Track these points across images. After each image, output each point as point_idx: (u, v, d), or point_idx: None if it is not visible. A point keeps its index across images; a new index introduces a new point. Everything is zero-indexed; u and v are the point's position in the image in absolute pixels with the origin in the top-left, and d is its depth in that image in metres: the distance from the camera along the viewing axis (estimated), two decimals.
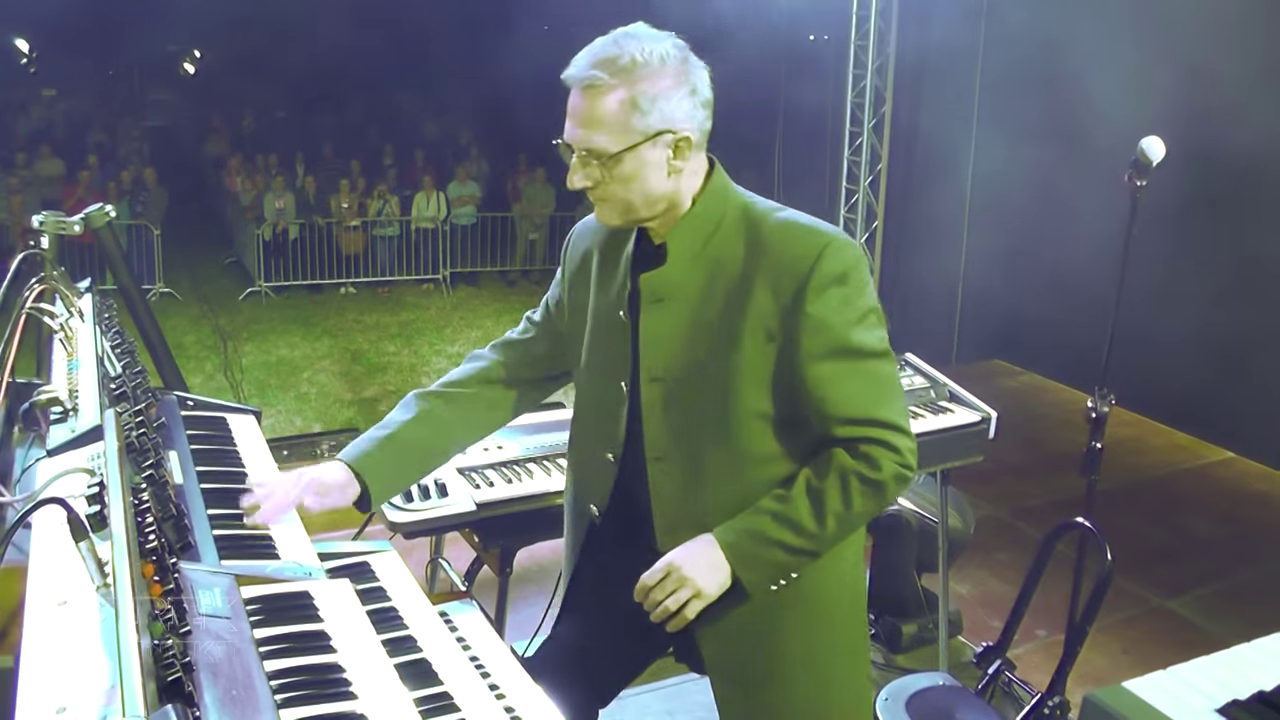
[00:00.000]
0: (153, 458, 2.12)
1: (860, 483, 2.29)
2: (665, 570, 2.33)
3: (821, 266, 2.25)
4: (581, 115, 2.26)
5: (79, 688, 1.46)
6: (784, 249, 2.29)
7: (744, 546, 2.32)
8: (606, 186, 2.31)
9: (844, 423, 2.31)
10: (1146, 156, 3.67)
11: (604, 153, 2.25)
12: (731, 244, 2.35)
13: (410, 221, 15.16)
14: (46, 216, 3.34)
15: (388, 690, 1.87)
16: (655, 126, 2.23)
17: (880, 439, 2.30)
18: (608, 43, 2.25)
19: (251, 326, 12.90)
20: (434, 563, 4.01)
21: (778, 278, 2.28)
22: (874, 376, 2.33)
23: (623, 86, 2.21)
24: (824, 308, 2.26)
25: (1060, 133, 8.85)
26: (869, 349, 2.31)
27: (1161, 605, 5.88)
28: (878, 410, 2.31)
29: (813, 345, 2.27)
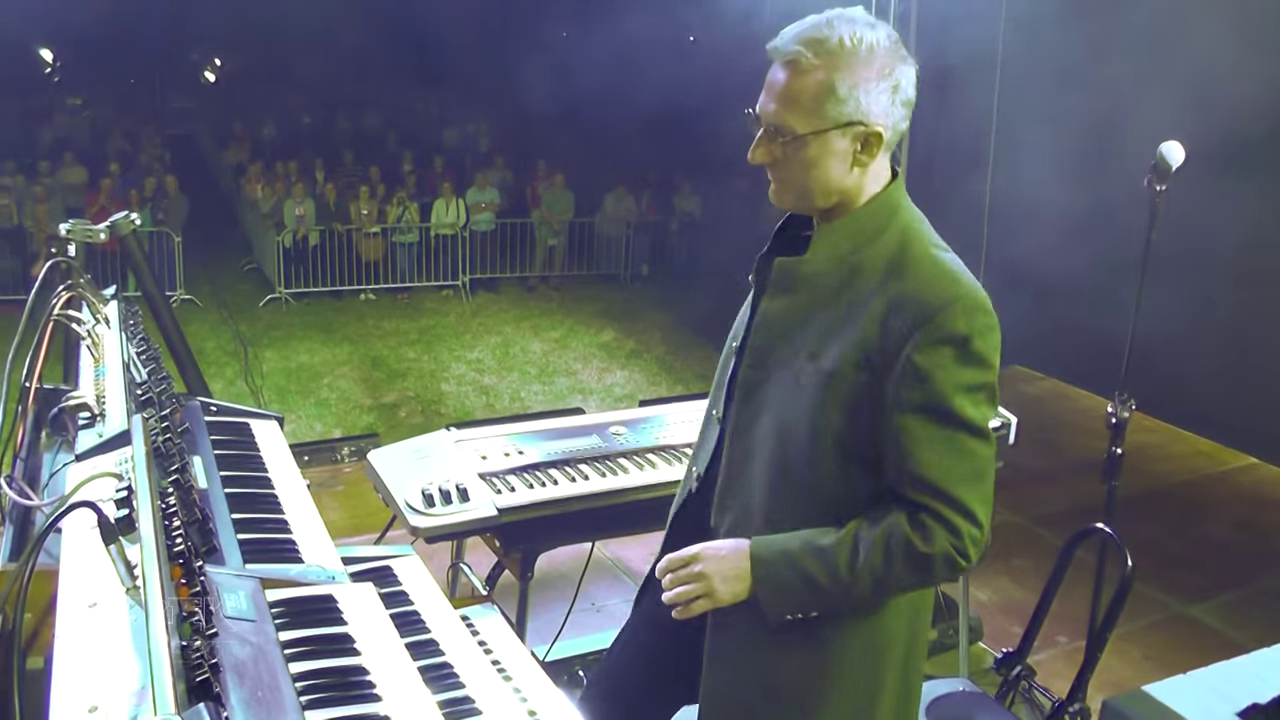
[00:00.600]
0: (178, 462, 2.13)
1: (905, 550, 2.16)
2: (689, 558, 2.28)
3: (945, 319, 2.13)
4: (777, 90, 2.17)
5: (110, 687, 1.48)
6: (917, 285, 2.17)
7: (772, 566, 2.23)
8: (785, 167, 2.22)
9: (915, 485, 2.17)
10: (1166, 161, 3.66)
11: (790, 132, 2.17)
12: (877, 259, 2.22)
13: (430, 228, 15.19)
14: (74, 225, 3.37)
15: (411, 693, 1.89)
16: (849, 116, 2.14)
17: (944, 516, 2.15)
18: (820, 21, 2.15)
19: (272, 333, 12.94)
20: (455, 567, 4.02)
21: (897, 312, 2.15)
22: (964, 452, 2.17)
23: (824, 68, 2.12)
24: (933, 363, 2.12)
25: (1081, 139, 8.84)
26: (968, 421, 2.16)
27: (1183, 611, 5.86)
28: (953, 486, 2.15)
29: (909, 396, 2.14)
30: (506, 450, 3.57)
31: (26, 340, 2.72)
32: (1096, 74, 8.79)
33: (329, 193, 15.41)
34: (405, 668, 1.97)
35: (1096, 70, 8.80)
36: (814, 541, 2.22)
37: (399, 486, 3.31)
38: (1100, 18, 9.04)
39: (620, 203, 15.76)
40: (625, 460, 3.66)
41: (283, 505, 2.62)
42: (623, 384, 11.25)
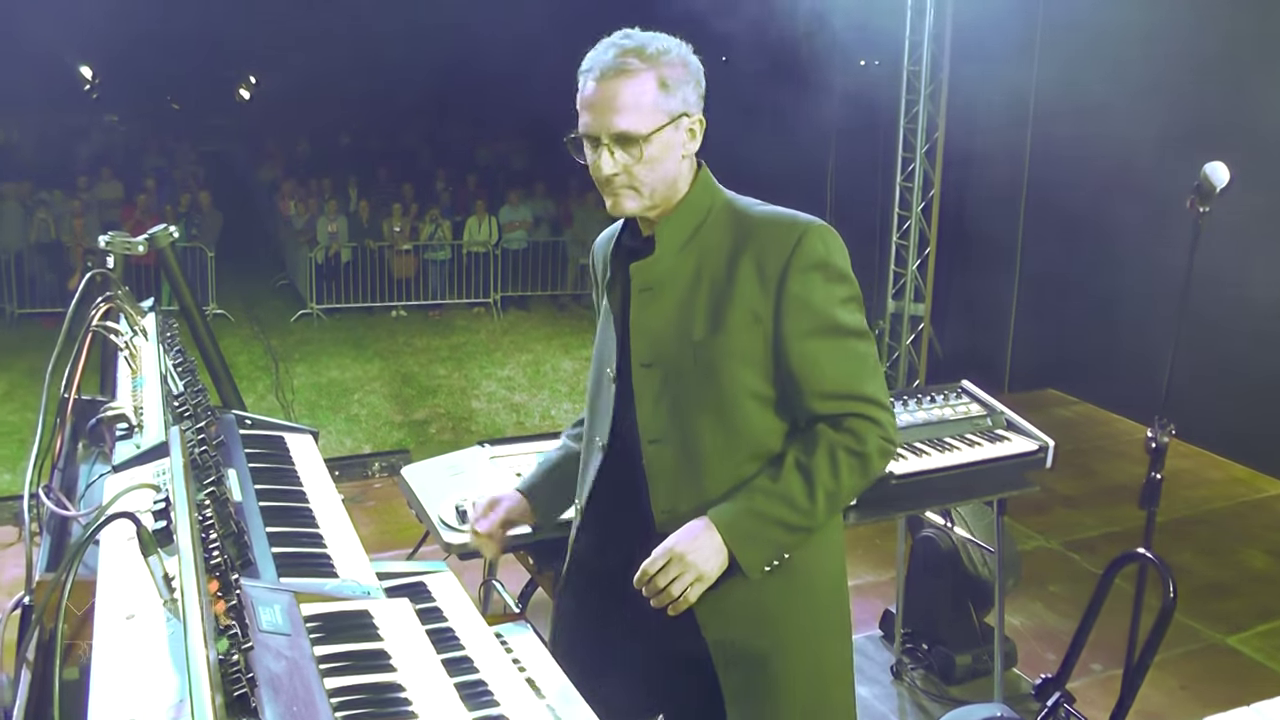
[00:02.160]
0: (214, 475, 2.13)
1: (848, 455, 2.37)
2: (667, 557, 2.36)
3: (804, 249, 2.36)
4: (611, 102, 2.33)
5: (148, 700, 1.47)
6: (768, 234, 2.40)
7: (741, 526, 2.37)
8: (635, 172, 2.37)
9: (827, 398, 2.40)
10: (1210, 182, 3.62)
11: (636, 135, 2.34)
12: (718, 233, 2.45)
13: (462, 245, 15.24)
14: (113, 237, 3.38)
15: (446, 709, 1.87)
16: (677, 109, 2.36)
17: (863, 413, 2.39)
18: (621, 38, 2.37)
19: (303, 348, 12.99)
20: (487, 585, 4.00)
21: (762, 261, 2.37)
22: (856, 354, 2.42)
23: (651, 70, 2.33)
24: (806, 288, 2.36)
25: (1116, 158, 8.78)
26: (851, 328, 2.41)
27: (1220, 642, 5.79)
28: (860, 386, 2.40)
29: (797, 324, 2.37)
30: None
31: (65, 352, 2.72)
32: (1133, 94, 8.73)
33: (362, 209, 15.49)
34: (440, 684, 1.95)
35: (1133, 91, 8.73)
36: (764, 488, 2.39)
37: (432, 502, 3.29)
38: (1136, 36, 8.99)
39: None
40: None
41: (317, 519, 2.61)
42: None
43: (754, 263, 2.38)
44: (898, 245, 11.23)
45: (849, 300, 2.42)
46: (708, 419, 2.44)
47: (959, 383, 4.50)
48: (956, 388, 4.47)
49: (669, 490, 2.49)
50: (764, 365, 2.41)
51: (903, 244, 11.19)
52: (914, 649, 5.14)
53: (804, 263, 2.36)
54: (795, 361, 2.38)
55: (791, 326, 2.37)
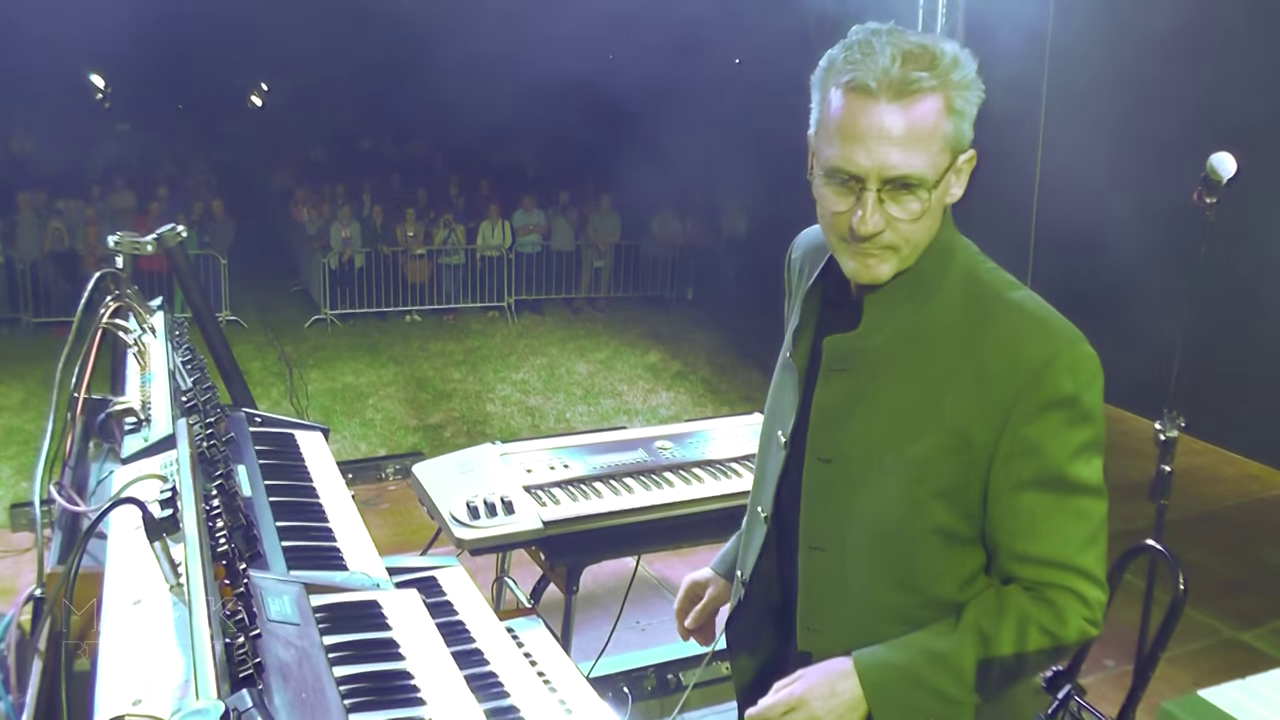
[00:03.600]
0: (223, 469, 2.14)
1: (1040, 635, 1.91)
2: (790, 704, 1.96)
3: (1049, 379, 1.86)
4: (890, 132, 1.80)
5: (154, 681, 1.48)
6: (1009, 342, 1.89)
7: (890, 686, 1.94)
8: (913, 228, 1.88)
9: (1036, 564, 1.92)
10: (1217, 173, 3.62)
11: (924, 181, 1.83)
12: (947, 316, 1.95)
13: (475, 250, 15.26)
14: (121, 237, 3.40)
15: (456, 699, 1.88)
16: (964, 145, 1.88)
17: (1073, 588, 1.91)
18: (892, 35, 1.83)
19: (317, 354, 13.00)
20: (500, 581, 4.01)
21: (994, 379, 1.88)
22: (1082, 516, 1.91)
23: (942, 90, 1.81)
24: (1044, 431, 1.87)
25: (1128, 154, 8.76)
26: (1082, 484, 1.90)
27: (1234, 637, 5.77)
28: (1078, 556, 1.91)
29: (1020, 470, 1.89)
30: (551, 464, 3.56)
31: (75, 350, 2.74)
32: (1144, 87, 8.71)
33: (375, 215, 15.51)
34: (450, 674, 1.96)
35: (1144, 83, 8.71)
36: (932, 649, 1.95)
37: (444, 499, 3.30)
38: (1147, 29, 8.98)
39: (666, 225, 15.77)
40: (670, 474, 3.64)
41: (327, 514, 2.62)
42: (668, 405, 11.22)
43: (982, 374, 1.88)
44: None
45: (1088, 447, 1.89)
46: (883, 539, 1.99)
47: None
48: None
49: (819, 606, 2.10)
50: (964, 500, 1.94)
51: None
52: None
53: (1046, 398, 1.85)
54: (1002, 513, 1.92)
55: (1009, 472, 1.89)
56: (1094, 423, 1.90)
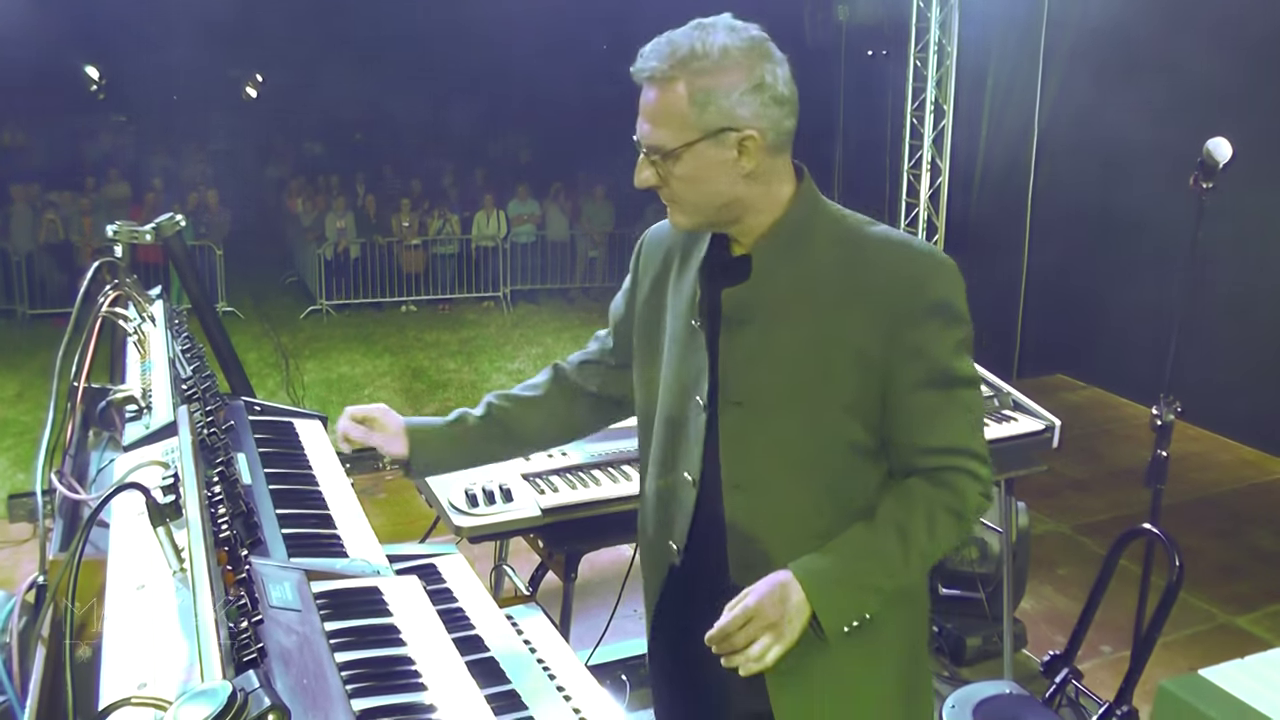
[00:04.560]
0: (223, 456, 2.14)
1: (946, 515, 2.18)
2: (748, 616, 2.10)
3: (925, 292, 2.15)
4: (645, 109, 2.14)
5: (159, 665, 1.48)
6: (883, 268, 2.16)
7: (828, 587, 2.14)
8: (670, 186, 2.17)
9: (933, 453, 2.20)
10: (1213, 158, 3.62)
11: (662, 149, 2.12)
12: (824, 258, 2.20)
13: (470, 240, 15.26)
14: (120, 226, 3.40)
15: (457, 685, 1.88)
16: (716, 124, 2.08)
17: (965, 468, 2.20)
18: (674, 34, 2.12)
19: (313, 344, 13.01)
20: (498, 569, 4.02)
21: (876, 299, 2.14)
22: (965, 406, 2.22)
23: (681, 79, 2.07)
24: (927, 334, 2.15)
25: (1125, 142, 8.76)
26: (962, 376, 2.20)
27: (1229, 622, 5.79)
28: (968, 440, 2.22)
29: (912, 372, 2.16)
30: (550, 451, 3.57)
31: (74, 339, 2.74)
32: (1142, 78, 8.71)
33: (369, 205, 15.52)
34: (451, 660, 1.96)
35: (1142, 74, 8.71)
36: (857, 546, 2.18)
37: (442, 486, 3.31)
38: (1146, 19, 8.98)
39: (661, 215, 15.73)
40: None
41: (327, 501, 2.62)
42: None
43: (865, 298, 2.15)
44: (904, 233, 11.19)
45: (963, 344, 2.20)
46: (799, 466, 2.24)
47: None
48: None
49: (748, 543, 2.30)
50: (867, 412, 2.20)
51: (910, 232, 11.16)
52: None
53: (922, 305, 2.14)
54: (902, 413, 2.19)
55: (903, 376, 2.16)
56: (965, 323, 2.21)
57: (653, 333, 2.47)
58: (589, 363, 2.72)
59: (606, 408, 2.73)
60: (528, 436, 2.71)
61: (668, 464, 2.44)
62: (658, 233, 2.57)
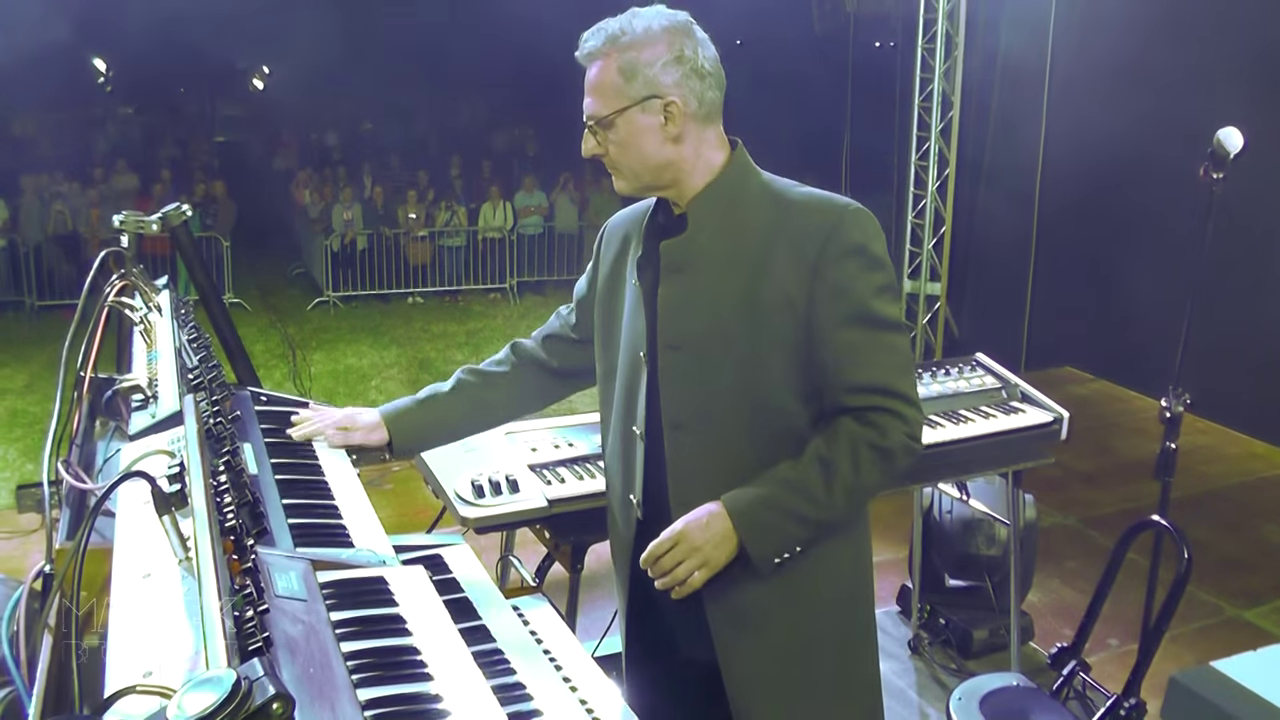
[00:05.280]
0: (229, 445, 2.14)
1: (870, 451, 2.30)
2: (674, 539, 2.32)
3: (841, 234, 2.31)
4: (587, 85, 2.38)
5: (164, 654, 1.48)
6: (805, 217, 2.35)
7: (754, 515, 2.31)
8: (609, 153, 2.40)
9: (857, 391, 2.33)
10: (1224, 148, 3.60)
11: (598, 117, 2.37)
12: (755, 215, 2.39)
13: (477, 231, 15.25)
14: (126, 215, 3.40)
15: (463, 675, 1.88)
16: (641, 92, 2.32)
17: (890, 408, 2.32)
18: (609, 20, 2.38)
19: (320, 336, 13.02)
20: (505, 560, 4.02)
21: (799, 244, 2.32)
22: (890, 348, 2.36)
23: (614, 54, 2.33)
24: (843, 275, 2.31)
25: (1134, 133, 8.73)
26: (885, 318, 2.35)
27: (1237, 616, 5.79)
28: (892, 381, 2.34)
29: (831, 312, 2.31)
30: (556, 442, 3.56)
31: (81, 329, 2.73)
32: (1151, 66, 8.67)
33: (377, 197, 15.53)
34: (457, 650, 1.95)
35: (1151, 62, 8.68)
36: (782, 479, 2.32)
37: (449, 477, 3.31)
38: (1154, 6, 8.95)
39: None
40: None
41: (333, 491, 2.61)
42: None
43: (790, 246, 2.33)
44: (913, 224, 11.19)
45: (885, 289, 2.35)
46: (735, 407, 2.40)
47: (973, 355, 4.50)
48: (971, 360, 4.47)
49: (688, 479, 2.46)
50: (796, 353, 2.35)
51: (918, 223, 11.15)
52: (931, 624, 5.15)
53: (841, 248, 2.31)
54: (826, 351, 2.33)
55: (826, 314, 2.31)
56: (885, 269, 2.37)
57: (613, 305, 2.65)
58: (551, 337, 2.91)
59: (567, 379, 2.94)
60: (495, 409, 2.93)
61: (622, 419, 2.61)
62: (619, 218, 2.75)
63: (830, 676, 2.56)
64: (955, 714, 3.37)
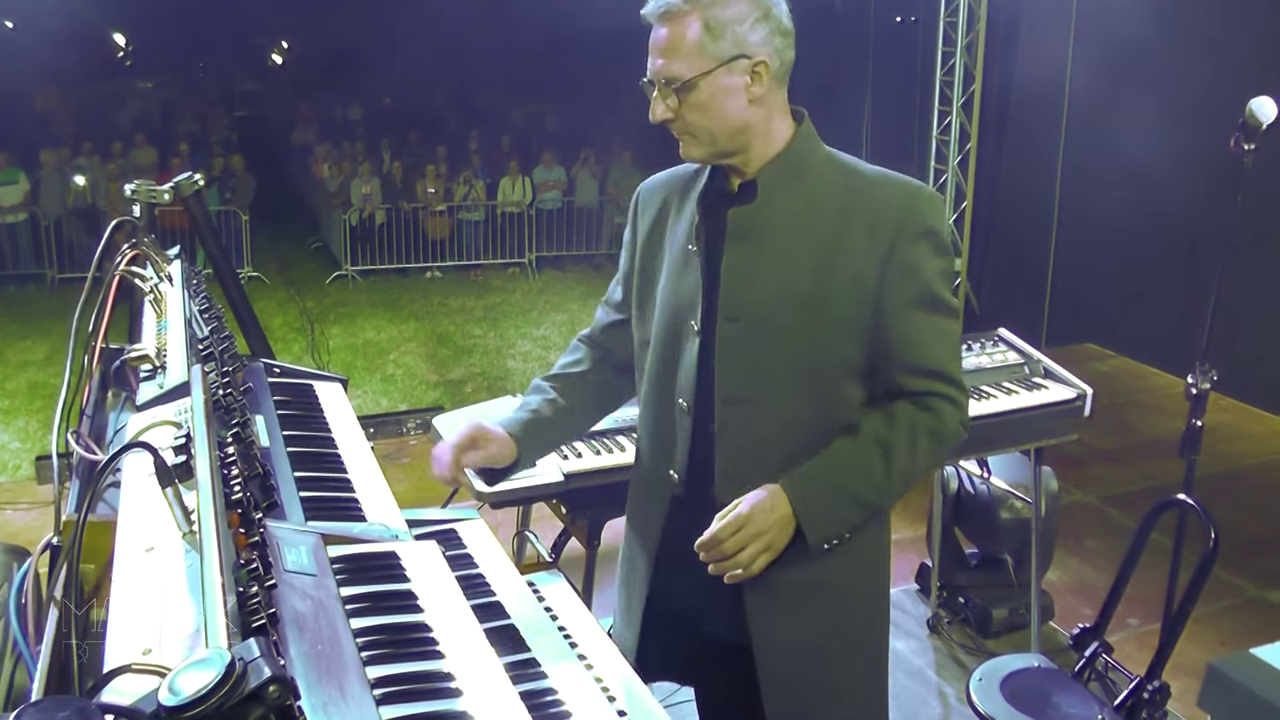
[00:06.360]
0: (239, 417, 2.11)
1: (928, 436, 2.29)
2: (739, 522, 2.24)
3: (918, 215, 2.28)
4: (660, 45, 2.25)
5: (165, 630, 1.45)
6: (881, 195, 2.30)
7: (813, 499, 2.27)
8: (686, 117, 2.28)
9: (917, 374, 2.31)
10: (1256, 118, 3.52)
11: (679, 79, 2.23)
12: (826, 189, 2.33)
13: (496, 206, 15.22)
14: (138, 185, 3.38)
15: (475, 651, 1.84)
16: (730, 52, 2.21)
17: (946, 394, 2.31)
18: None
19: (338, 310, 13.01)
20: (521, 535, 3.99)
21: (876, 222, 2.27)
22: (947, 333, 2.35)
23: (696, 12, 2.20)
24: (917, 256, 2.27)
25: (1159, 108, 8.63)
26: (947, 304, 2.34)
27: (1260, 596, 5.74)
28: (949, 366, 2.33)
29: (901, 292, 2.27)
30: None
31: (91, 299, 2.71)
32: (1177, 38, 8.56)
33: (395, 171, 15.51)
34: (470, 627, 1.92)
35: (1177, 34, 8.56)
36: (842, 460, 2.30)
37: None
38: None
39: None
40: None
41: (346, 465, 2.59)
42: None
43: (865, 223, 2.27)
44: None
45: (947, 274, 2.34)
46: (791, 382, 2.33)
47: (996, 331, 4.45)
48: (994, 336, 4.42)
49: (736, 456, 2.39)
50: (861, 332, 2.30)
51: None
52: (950, 602, 5.11)
53: (916, 229, 2.27)
54: (890, 331, 2.29)
55: (895, 294, 2.27)
56: (949, 256, 2.36)
57: (651, 274, 2.56)
58: (610, 325, 2.74)
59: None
60: (588, 411, 2.78)
61: (663, 391, 2.51)
62: (652, 183, 2.66)
63: (857, 652, 2.55)
64: (975, 695, 3.33)
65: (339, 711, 1.46)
